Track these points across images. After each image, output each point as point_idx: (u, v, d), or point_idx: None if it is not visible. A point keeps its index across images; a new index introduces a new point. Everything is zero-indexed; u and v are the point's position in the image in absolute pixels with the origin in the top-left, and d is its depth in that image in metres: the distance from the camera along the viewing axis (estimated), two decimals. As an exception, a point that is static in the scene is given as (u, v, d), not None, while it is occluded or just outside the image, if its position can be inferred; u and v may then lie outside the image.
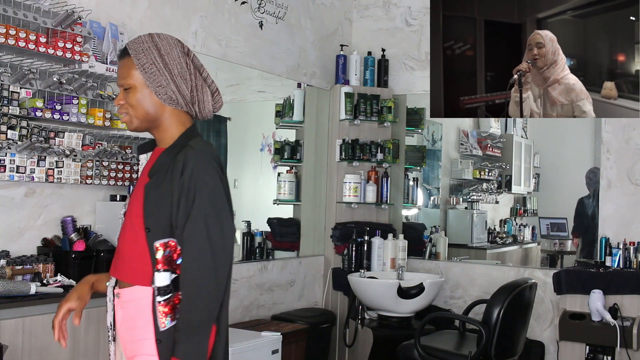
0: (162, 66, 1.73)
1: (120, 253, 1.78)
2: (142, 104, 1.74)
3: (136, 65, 1.72)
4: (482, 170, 6.01)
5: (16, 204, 2.93)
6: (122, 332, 1.75)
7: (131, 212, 1.74)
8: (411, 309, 4.22)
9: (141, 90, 1.74)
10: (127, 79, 1.74)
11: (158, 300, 1.65)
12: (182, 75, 1.74)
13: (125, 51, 1.76)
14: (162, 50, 1.74)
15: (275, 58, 4.51)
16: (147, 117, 1.76)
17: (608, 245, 4.16)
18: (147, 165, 1.82)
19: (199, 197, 1.65)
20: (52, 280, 2.70)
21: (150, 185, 1.70)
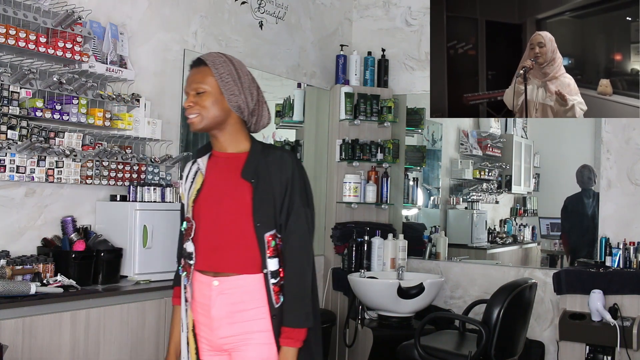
0: (237, 78, 2.00)
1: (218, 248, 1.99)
2: (214, 107, 1.99)
3: (214, 74, 1.98)
4: (482, 170, 6.01)
5: (16, 204, 2.93)
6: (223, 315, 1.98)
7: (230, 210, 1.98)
8: (411, 309, 4.22)
9: (215, 95, 1.99)
10: (203, 84, 1.98)
11: (272, 282, 1.96)
12: (250, 89, 2.03)
13: (201, 61, 2.02)
14: (236, 65, 2.02)
15: (275, 58, 4.51)
16: (215, 120, 2.00)
17: (608, 245, 4.16)
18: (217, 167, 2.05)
19: (298, 193, 1.98)
20: (52, 280, 2.70)
21: (256, 186, 1.96)
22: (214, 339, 2.00)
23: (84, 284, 2.83)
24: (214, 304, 1.98)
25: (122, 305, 2.84)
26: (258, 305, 1.96)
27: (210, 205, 2.01)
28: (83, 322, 2.67)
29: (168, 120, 3.63)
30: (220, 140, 2.06)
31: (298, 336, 1.95)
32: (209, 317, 2.00)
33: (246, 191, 1.97)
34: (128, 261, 3.08)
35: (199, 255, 2.01)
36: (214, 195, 2.01)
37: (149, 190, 3.23)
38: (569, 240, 4.94)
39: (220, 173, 2.03)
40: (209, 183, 2.04)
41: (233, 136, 2.04)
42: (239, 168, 2.01)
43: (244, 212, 1.96)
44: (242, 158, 2.03)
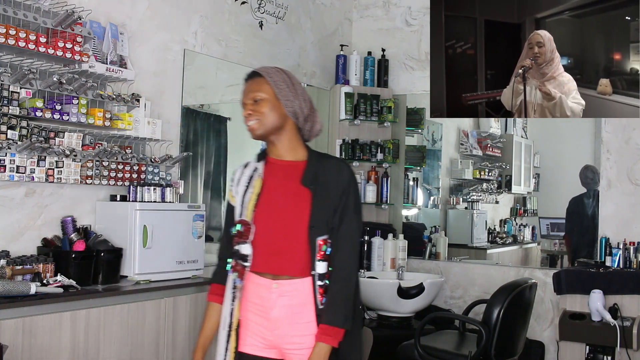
0: (291, 84, 2.11)
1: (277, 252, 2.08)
2: (272, 113, 2.08)
3: (269, 82, 2.09)
4: (482, 170, 6.01)
5: (16, 204, 2.93)
6: (284, 317, 2.07)
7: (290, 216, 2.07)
8: (411, 309, 4.22)
9: (272, 101, 2.08)
10: (260, 92, 2.09)
11: (319, 284, 2.04)
12: (304, 96, 2.13)
13: (255, 73, 2.13)
14: (289, 74, 2.15)
15: (275, 58, 4.50)
16: (274, 125, 2.09)
17: (608, 245, 4.16)
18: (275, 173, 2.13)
19: (351, 202, 2.08)
20: (52, 280, 2.70)
21: (315, 192, 2.06)
22: (273, 339, 2.09)
23: (84, 284, 2.82)
24: (275, 305, 2.06)
25: (122, 305, 2.84)
26: (308, 306, 2.06)
27: (270, 210, 2.09)
28: (83, 322, 2.67)
29: (168, 120, 3.63)
30: (277, 147, 2.14)
31: (335, 335, 2.01)
32: (268, 318, 2.07)
33: (306, 197, 2.06)
34: (128, 261, 3.08)
35: (257, 258, 2.08)
36: (273, 200, 2.09)
37: (149, 190, 3.23)
38: (571, 240, 4.93)
39: (278, 179, 2.12)
40: (267, 188, 2.12)
41: (290, 143, 2.13)
42: (297, 175, 2.09)
43: (302, 217, 2.05)
44: (300, 166, 2.11)
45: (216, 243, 4.37)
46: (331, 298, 2.04)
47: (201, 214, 3.37)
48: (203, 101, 4.26)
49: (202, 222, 3.37)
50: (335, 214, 2.05)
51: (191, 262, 3.31)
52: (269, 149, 2.17)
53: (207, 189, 4.31)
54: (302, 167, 2.11)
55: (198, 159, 4.18)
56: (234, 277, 2.11)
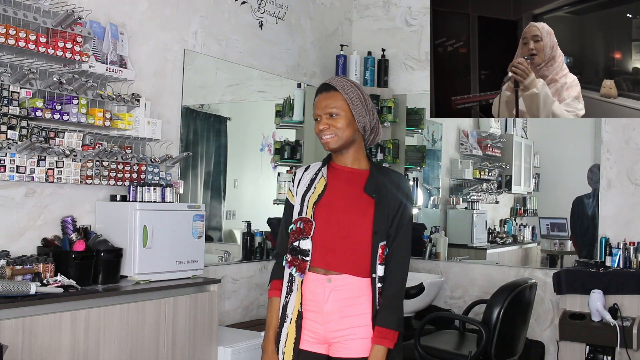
0: (364, 101, 2.23)
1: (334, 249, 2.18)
2: (347, 129, 2.20)
3: (345, 98, 2.19)
4: (482, 170, 6.01)
5: (16, 204, 2.93)
6: (333, 308, 2.17)
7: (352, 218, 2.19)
8: (411, 309, 4.22)
9: (348, 117, 2.20)
10: (337, 108, 2.20)
11: (378, 286, 2.16)
12: (372, 111, 2.27)
13: (330, 87, 2.22)
14: (361, 89, 2.25)
15: (275, 58, 4.51)
16: (348, 139, 2.22)
17: (608, 245, 4.16)
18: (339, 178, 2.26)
19: (407, 212, 2.24)
20: (52, 280, 2.70)
21: (378, 200, 2.20)
22: (324, 332, 2.18)
23: (84, 284, 2.82)
24: (328, 299, 2.17)
25: (122, 305, 2.84)
26: (363, 302, 2.16)
27: (332, 210, 2.21)
28: (83, 322, 2.67)
29: (168, 120, 3.63)
30: (345, 156, 2.27)
31: (392, 337, 2.13)
32: (321, 312, 2.18)
33: (368, 204, 2.19)
34: (128, 261, 3.08)
35: (314, 253, 2.19)
36: (336, 202, 2.21)
37: (149, 190, 3.22)
38: (576, 240, 4.92)
39: (341, 183, 2.25)
40: (330, 190, 2.24)
41: (356, 153, 2.27)
42: (360, 183, 2.23)
43: (364, 222, 2.18)
44: (363, 174, 2.25)
45: (216, 243, 4.39)
46: (387, 301, 2.16)
47: (201, 214, 3.37)
48: (203, 101, 4.27)
49: (202, 222, 3.37)
50: (393, 223, 2.19)
51: (191, 262, 3.31)
52: (334, 156, 2.30)
53: (207, 189, 4.31)
54: (365, 176, 2.24)
55: (198, 159, 4.18)
56: (290, 271, 2.22)
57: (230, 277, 4.08)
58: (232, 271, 4.11)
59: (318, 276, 2.19)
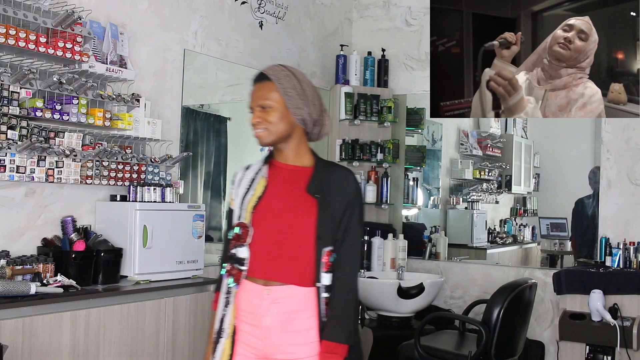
0: (301, 91, 2.02)
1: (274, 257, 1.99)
2: (281, 123, 2.01)
3: (278, 89, 2.00)
4: (482, 170, 6.00)
5: (16, 204, 2.93)
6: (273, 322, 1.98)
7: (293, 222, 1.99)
8: (411, 309, 4.22)
9: (280, 110, 2.01)
10: (268, 100, 2.01)
11: (324, 296, 1.96)
12: (313, 101, 2.05)
13: (264, 76, 2.04)
14: (299, 78, 2.04)
15: (275, 58, 4.50)
16: (282, 134, 2.03)
17: (608, 245, 4.16)
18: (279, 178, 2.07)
19: (357, 213, 2.02)
20: (52, 280, 2.70)
21: (322, 202, 1.99)
22: (264, 348, 1.99)
23: (84, 284, 2.82)
24: (267, 313, 1.97)
25: (122, 305, 2.84)
26: (308, 316, 1.97)
27: (271, 214, 2.01)
28: (83, 322, 2.67)
29: (168, 120, 3.63)
30: (284, 153, 2.08)
31: (341, 352, 1.94)
32: (260, 326, 1.99)
33: (311, 206, 1.99)
34: (128, 261, 3.08)
35: (253, 262, 2.00)
36: (276, 204, 2.02)
37: (149, 190, 3.23)
38: (577, 242, 4.92)
39: (282, 183, 2.05)
40: (270, 192, 2.04)
41: (297, 149, 2.08)
42: (303, 181, 2.03)
43: (306, 225, 1.98)
44: (306, 172, 2.06)
45: (216, 243, 4.38)
46: (335, 312, 1.96)
47: (201, 214, 3.37)
48: (203, 101, 4.26)
49: (202, 222, 3.37)
50: (340, 226, 1.98)
51: (191, 262, 3.31)
52: (275, 153, 2.11)
53: (207, 189, 4.31)
54: (309, 174, 2.05)
55: (198, 159, 4.18)
56: (229, 281, 2.03)
57: (230, 277, 4.07)
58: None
59: (256, 287, 1.99)
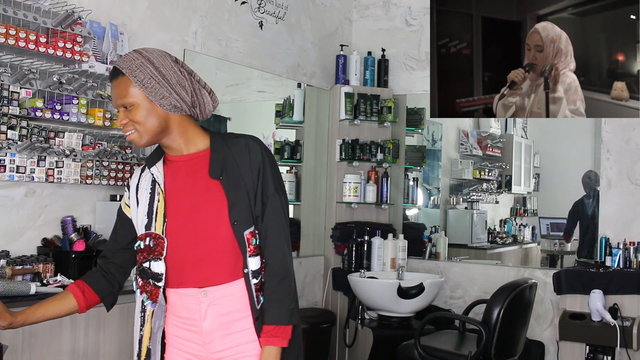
0: (161, 78, 1.77)
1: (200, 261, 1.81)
2: (149, 119, 1.78)
3: (134, 83, 1.76)
4: (482, 170, 6.01)
5: (16, 204, 2.93)
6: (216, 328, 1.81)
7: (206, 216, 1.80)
8: (411, 309, 4.22)
9: (144, 105, 1.77)
10: (128, 98, 1.76)
11: (254, 282, 1.79)
12: (180, 82, 1.79)
13: (117, 71, 1.78)
14: (156, 63, 1.78)
15: (275, 58, 4.51)
16: (155, 130, 1.79)
17: (608, 245, 4.16)
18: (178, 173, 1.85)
19: (270, 180, 1.81)
20: (52, 280, 2.70)
21: (227, 182, 1.79)
22: (207, 354, 1.83)
23: (84, 284, 2.82)
24: (206, 317, 1.80)
25: (122, 305, 2.83)
26: (243, 309, 1.81)
27: (182, 216, 1.82)
28: (83, 322, 2.67)
29: (168, 120, 3.63)
30: (172, 146, 1.84)
31: (283, 334, 1.78)
32: (200, 332, 1.82)
33: (219, 191, 1.79)
34: (128, 261, 3.07)
35: (175, 274, 1.82)
36: (182, 204, 1.82)
37: (149, 190, 3.22)
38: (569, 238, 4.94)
39: (183, 178, 1.83)
40: (172, 192, 1.84)
41: (184, 136, 1.83)
42: (204, 168, 1.81)
43: (220, 215, 1.78)
44: (205, 156, 1.83)
45: (216, 243, 4.38)
46: (271, 294, 1.78)
47: (201, 214, 3.36)
48: (203, 101, 4.26)
49: (202, 222, 3.36)
50: (255, 200, 1.79)
51: (191, 262, 3.30)
52: (164, 149, 1.88)
53: (207, 189, 4.30)
54: (208, 157, 1.82)
55: (198, 159, 4.17)
56: (142, 298, 1.83)
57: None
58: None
59: (191, 291, 1.80)
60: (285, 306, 1.78)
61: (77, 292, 1.90)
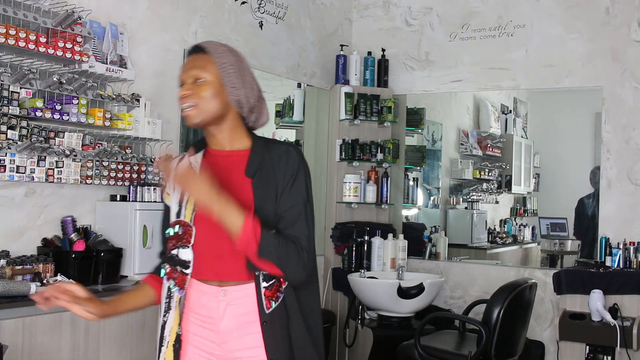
0: (238, 71, 1.82)
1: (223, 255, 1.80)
2: (213, 99, 1.79)
3: (216, 63, 1.81)
4: (482, 170, 6.01)
5: (16, 204, 2.93)
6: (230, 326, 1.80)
7: None
8: (411, 309, 4.22)
9: (215, 85, 1.80)
10: (204, 72, 1.80)
11: (264, 285, 1.75)
12: (251, 84, 1.85)
13: (199, 49, 1.86)
14: (238, 57, 1.85)
15: (275, 58, 4.51)
16: (214, 114, 1.81)
17: (608, 245, 4.16)
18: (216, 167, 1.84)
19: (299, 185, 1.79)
20: (52, 280, 2.71)
21: (258, 183, 1.79)
22: (222, 354, 1.82)
23: (84, 284, 2.80)
24: (224, 316, 1.79)
25: (122, 305, 2.84)
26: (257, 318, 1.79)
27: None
28: (83, 322, 2.67)
29: (168, 120, 3.63)
30: (217, 138, 1.86)
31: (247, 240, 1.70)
32: (217, 331, 1.81)
33: (249, 190, 1.79)
34: (128, 261, 3.08)
35: (200, 264, 1.82)
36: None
37: (149, 190, 3.23)
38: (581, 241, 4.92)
39: (220, 172, 1.82)
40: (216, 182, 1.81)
41: (232, 133, 1.85)
42: (242, 166, 1.82)
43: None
44: (244, 155, 1.84)
45: (216, 243, 4.38)
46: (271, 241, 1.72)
47: (201, 214, 3.36)
48: (203, 101, 4.27)
49: (202, 222, 3.37)
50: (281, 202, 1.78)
51: (191, 262, 3.30)
52: (207, 139, 1.90)
53: (207, 189, 4.30)
54: (247, 157, 1.83)
55: (198, 159, 4.18)
56: (169, 284, 1.84)
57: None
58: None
59: (211, 288, 1.80)
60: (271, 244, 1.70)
61: (155, 284, 1.91)
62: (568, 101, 5.04)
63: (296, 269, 1.76)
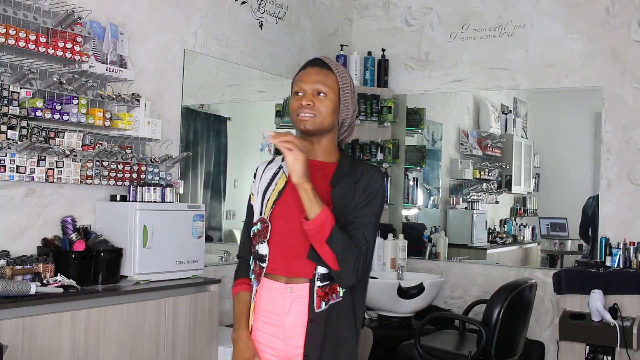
0: (351, 92, 2.00)
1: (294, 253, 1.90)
2: (330, 115, 1.94)
3: (339, 82, 1.96)
4: (482, 170, 6.01)
5: (16, 204, 2.93)
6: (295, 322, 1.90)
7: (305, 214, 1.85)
8: (411, 309, 4.22)
9: (334, 102, 1.95)
10: (328, 89, 1.94)
11: (318, 285, 1.87)
12: (354, 107, 2.02)
13: (324, 63, 1.98)
14: (351, 79, 2.03)
15: (275, 58, 4.51)
16: (325, 125, 1.95)
17: (608, 245, 4.16)
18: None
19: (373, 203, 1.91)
20: (52, 280, 2.70)
21: (337, 194, 1.91)
22: (286, 349, 1.91)
23: (84, 284, 2.82)
24: (289, 312, 1.90)
25: (122, 305, 2.84)
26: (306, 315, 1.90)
27: (291, 210, 1.92)
28: (83, 322, 2.67)
29: (168, 120, 3.63)
30: (316, 147, 1.99)
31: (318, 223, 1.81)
32: (282, 326, 1.91)
33: (328, 199, 1.90)
34: (128, 261, 3.08)
35: (273, 259, 1.93)
36: (294, 200, 1.91)
37: (149, 190, 3.22)
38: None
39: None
40: (289, 187, 1.95)
41: (329, 146, 2.00)
42: (327, 177, 1.95)
43: None
44: (331, 167, 1.98)
45: (216, 243, 4.39)
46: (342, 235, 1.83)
47: (201, 214, 3.37)
48: (203, 101, 4.27)
49: (202, 222, 3.37)
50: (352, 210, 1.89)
51: (191, 262, 3.31)
52: None
53: (207, 189, 4.31)
54: (333, 169, 1.97)
55: (198, 159, 4.18)
56: (253, 279, 1.99)
57: (230, 277, 4.05)
58: (232, 271, 4.09)
59: (279, 285, 1.92)
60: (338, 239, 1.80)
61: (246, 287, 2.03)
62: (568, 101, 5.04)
63: (351, 270, 1.84)
